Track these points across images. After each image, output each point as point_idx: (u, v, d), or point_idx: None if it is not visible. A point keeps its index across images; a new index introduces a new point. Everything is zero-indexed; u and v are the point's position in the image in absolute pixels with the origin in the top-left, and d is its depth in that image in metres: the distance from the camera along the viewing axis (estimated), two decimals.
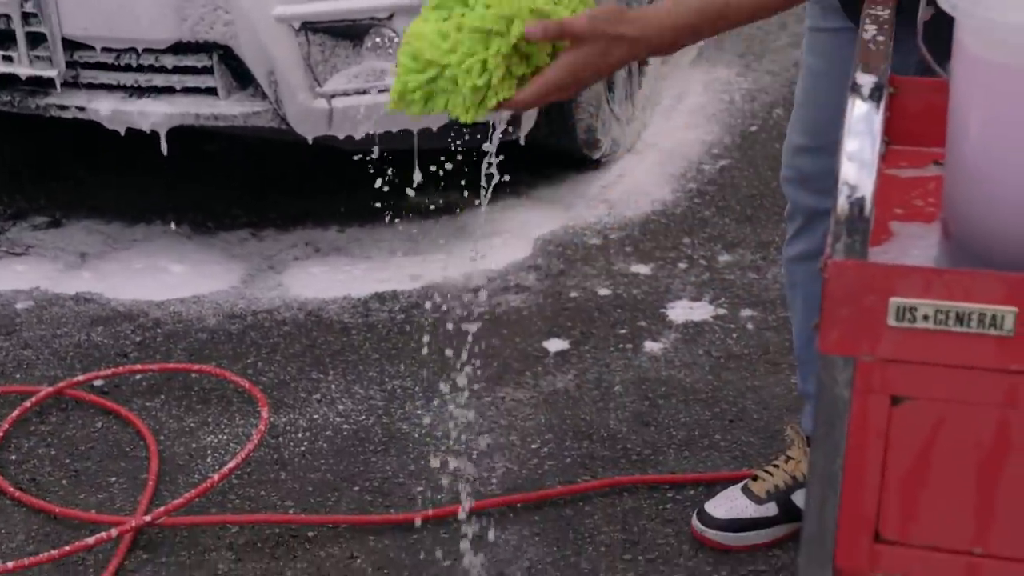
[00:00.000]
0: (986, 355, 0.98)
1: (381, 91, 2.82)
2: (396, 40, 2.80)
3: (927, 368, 1.00)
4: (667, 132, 3.63)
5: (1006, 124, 1.04)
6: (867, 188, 0.98)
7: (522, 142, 3.05)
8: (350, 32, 2.81)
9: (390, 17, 2.79)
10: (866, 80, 1.07)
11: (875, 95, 1.05)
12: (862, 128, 1.02)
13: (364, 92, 2.84)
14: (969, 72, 1.05)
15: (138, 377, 2.59)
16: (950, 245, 1.11)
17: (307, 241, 3.12)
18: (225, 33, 2.76)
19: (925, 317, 0.98)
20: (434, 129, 2.87)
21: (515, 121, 2.98)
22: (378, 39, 2.82)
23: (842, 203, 0.99)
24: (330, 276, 2.96)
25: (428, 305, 2.81)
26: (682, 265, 2.97)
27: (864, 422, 1.02)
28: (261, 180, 3.43)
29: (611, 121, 3.34)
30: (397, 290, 2.89)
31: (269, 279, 2.95)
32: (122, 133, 2.90)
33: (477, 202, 3.17)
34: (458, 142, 2.99)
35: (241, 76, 2.84)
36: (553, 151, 3.29)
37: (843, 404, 1.01)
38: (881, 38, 1.19)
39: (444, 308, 2.76)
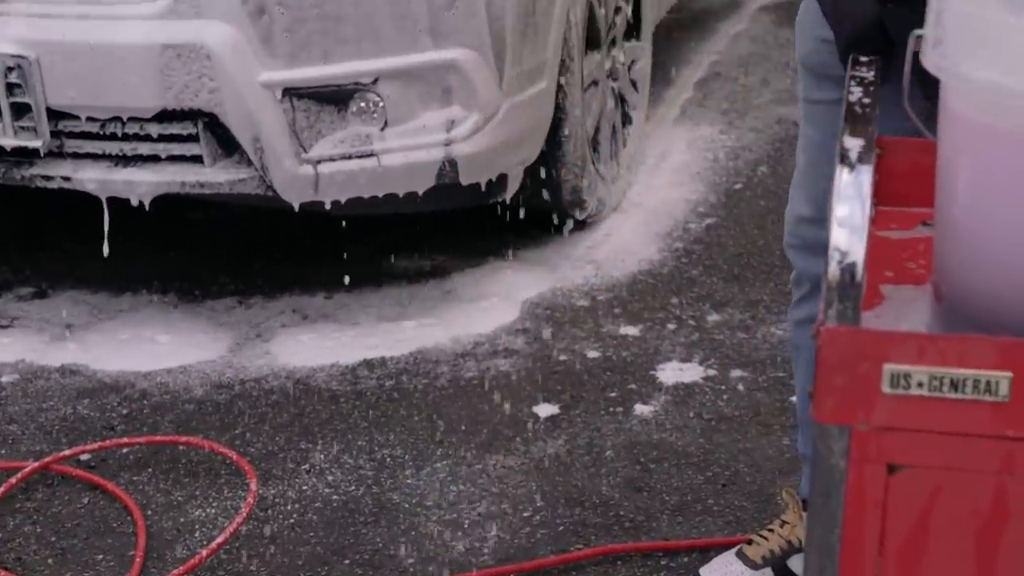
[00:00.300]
0: (982, 421, 0.97)
1: (367, 156, 2.84)
2: (381, 105, 2.82)
3: (923, 435, 0.99)
4: (652, 191, 3.65)
5: (994, 185, 1.04)
6: (858, 254, 0.98)
7: (508, 201, 3.08)
8: (335, 97, 2.82)
9: (375, 82, 2.80)
10: (853, 144, 1.08)
11: (863, 159, 1.06)
12: (851, 193, 1.03)
13: (350, 157, 2.84)
14: (956, 133, 1.06)
15: (125, 450, 2.56)
16: (942, 308, 1.11)
17: (295, 308, 3.11)
18: (210, 100, 2.75)
19: (920, 384, 0.98)
20: (420, 193, 2.89)
21: (501, 183, 3.01)
22: (363, 104, 2.83)
23: (833, 269, 0.99)
24: (318, 343, 2.95)
25: (417, 372, 2.80)
26: (671, 326, 2.97)
27: (861, 491, 1.01)
28: (248, 246, 3.42)
29: (596, 181, 3.36)
30: (386, 356, 2.88)
31: (257, 347, 2.94)
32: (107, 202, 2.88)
33: (465, 265, 3.25)
34: (443, 205, 3.02)
35: (226, 143, 2.83)
36: (539, 212, 3.29)
37: (839, 474, 1.01)
38: (867, 101, 1.20)
39: (433, 374, 2.76)
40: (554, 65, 3.07)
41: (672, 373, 2.79)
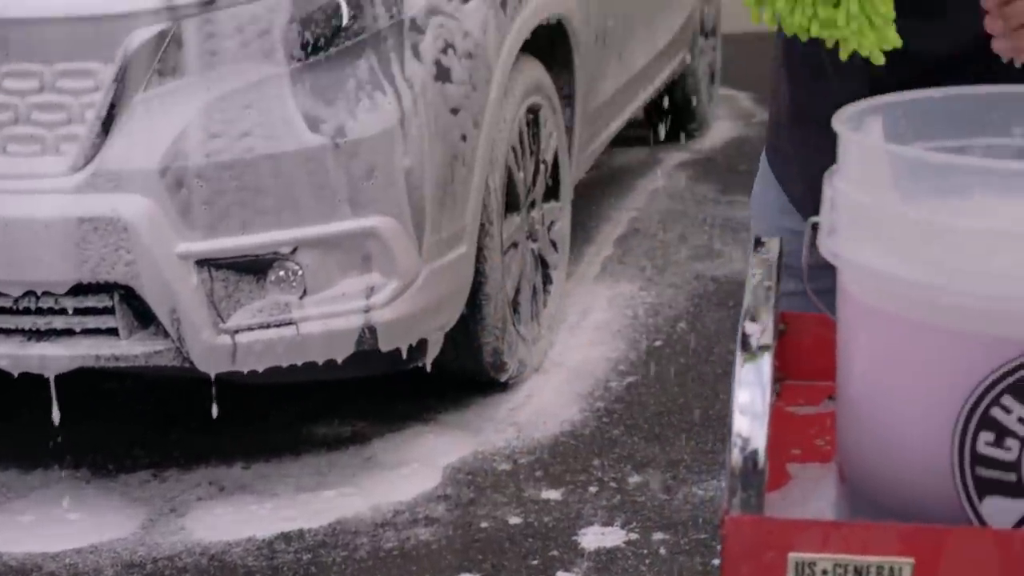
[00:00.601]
0: None
1: (286, 324, 2.83)
2: (300, 273, 2.83)
3: None
4: (573, 350, 3.67)
5: (886, 369, 1.06)
6: (760, 441, 0.99)
7: (428, 368, 3.07)
8: (254, 267, 2.83)
9: (294, 251, 2.81)
10: (753, 329, 1.09)
11: (763, 346, 1.07)
12: (752, 379, 1.04)
13: (268, 326, 2.83)
14: (852, 316, 1.09)
15: None
16: (846, 490, 1.12)
17: (211, 480, 3.05)
18: (127, 273, 2.75)
19: (824, 572, 0.98)
20: (340, 360, 2.89)
21: (421, 348, 3.01)
22: (282, 273, 2.83)
23: (735, 456, 0.99)
24: (234, 516, 2.90)
25: (336, 544, 2.76)
26: (592, 489, 2.97)
27: None
28: (164, 416, 3.37)
29: (517, 342, 3.38)
30: (304, 528, 2.84)
31: (171, 523, 2.88)
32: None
33: (385, 430, 3.23)
34: (363, 371, 3.02)
35: (142, 315, 2.82)
36: (460, 375, 3.30)
37: None
38: (768, 283, 1.22)
39: (352, 546, 2.73)
40: (473, 230, 3.11)
41: (594, 538, 2.78)
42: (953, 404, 0.96)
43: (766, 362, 1.06)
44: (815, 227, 1.14)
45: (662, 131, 5.65)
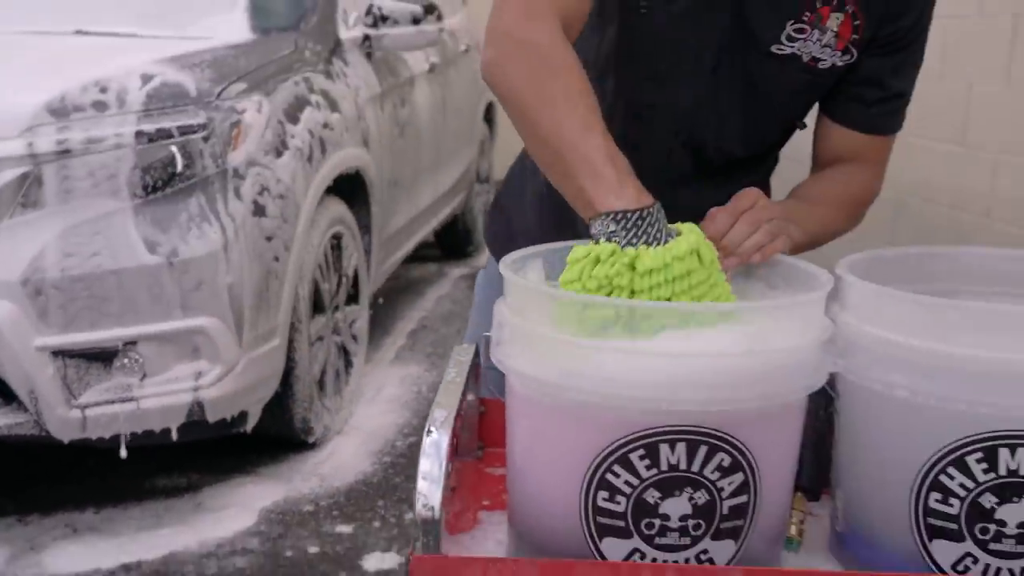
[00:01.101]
0: None
1: (128, 401, 2.67)
2: (140, 361, 2.68)
3: None
4: (369, 417, 3.56)
5: (535, 443, 1.06)
6: (436, 499, 0.97)
7: (249, 431, 2.94)
8: (101, 356, 2.66)
9: (135, 344, 2.67)
10: (439, 415, 1.08)
11: (444, 426, 1.06)
12: (432, 452, 1.02)
13: (113, 403, 2.66)
14: (513, 403, 1.09)
15: None
16: (513, 532, 1.11)
17: (67, 523, 2.82)
18: None
19: None
20: (174, 428, 2.74)
21: (243, 417, 2.89)
22: (125, 361, 2.68)
23: (419, 510, 0.97)
24: (84, 552, 2.66)
25: (167, 571, 2.58)
26: (376, 524, 2.86)
27: None
28: (28, 475, 3.11)
29: (323, 412, 3.27)
30: (141, 560, 2.63)
31: (30, 558, 2.63)
32: None
33: (214, 480, 3.07)
34: (194, 437, 2.85)
35: (5, 394, 2.62)
36: (275, 437, 3.16)
37: None
38: (459, 379, 1.20)
39: (180, 573, 2.55)
40: (285, 327, 3.00)
41: (375, 561, 2.67)
42: (579, 470, 0.98)
43: (444, 439, 1.04)
44: (487, 340, 1.14)
45: (447, 251, 5.67)
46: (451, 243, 5.63)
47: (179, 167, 2.70)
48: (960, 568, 0.98)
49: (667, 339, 0.98)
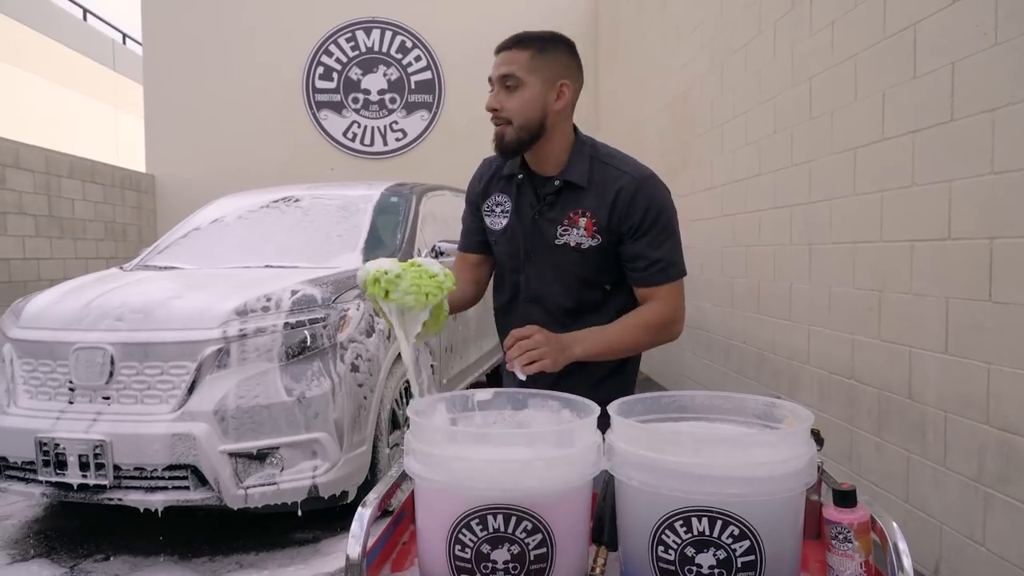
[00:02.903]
0: None
1: (272, 484, 2.73)
2: (281, 459, 2.75)
3: None
4: None
5: (422, 511, 1.01)
6: (356, 552, 0.94)
7: (349, 503, 2.94)
8: (258, 456, 2.78)
9: (278, 448, 2.76)
10: (371, 496, 1.04)
11: (371, 503, 1.02)
12: (358, 519, 0.99)
13: (264, 485, 2.75)
14: (415, 485, 1.04)
15: None
16: (419, 570, 1.03)
17: (237, 561, 2.77)
18: (194, 458, 2.71)
19: None
20: (300, 501, 2.77)
21: (344, 494, 2.89)
22: (272, 459, 2.77)
23: (347, 557, 0.95)
24: None
25: None
26: None
27: None
28: (213, 529, 3.09)
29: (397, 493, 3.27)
30: None
31: None
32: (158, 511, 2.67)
33: (329, 535, 3.05)
34: (313, 507, 2.83)
35: (202, 479, 2.76)
36: None
37: None
38: (395, 474, 1.13)
39: None
40: (371, 438, 3.08)
41: None
42: (446, 529, 0.95)
43: (367, 512, 1.01)
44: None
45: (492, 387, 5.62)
46: (497, 382, 5.65)
47: (308, 343, 2.82)
48: None
49: (492, 451, 0.96)
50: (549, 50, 1.44)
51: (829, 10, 3.15)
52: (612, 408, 1.06)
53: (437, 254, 3.91)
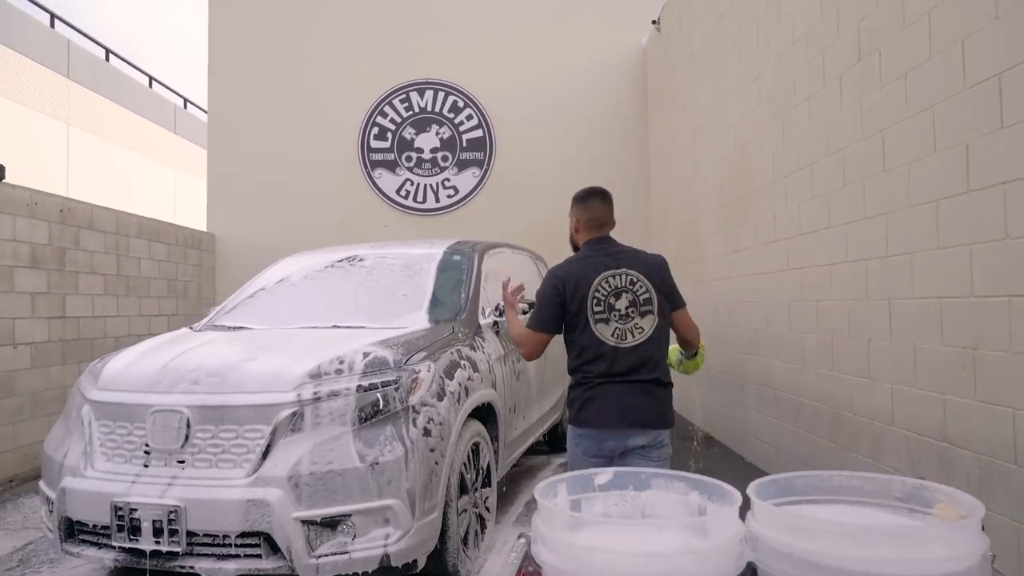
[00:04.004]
0: None
1: (344, 553, 2.70)
2: (353, 527, 2.72)
3: None
4: (497, 563, 3.42)
5: None
6: None
7: (419, 571, 2.91)
8: (330, 523, 2.75)
9: (350, 515, 2.72)
10: None
11: None
12: None
13: (336, 555, 2.72)
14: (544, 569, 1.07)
15: None
16: None
17: None
18: (268, 526, 2.68)
19: None
20: (371, 571, 2.74)
21: (414, 563, 2.86)
22: (344, 526, 2.74)
23: None
24: None
25: None
26: None
27: None
28: None
29: (466, 559, 3.24)
30: None
31: None
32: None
33: None
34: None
35: (274, 547, 2.73)
36: (436, 575, 3.14)
37: None
38: (516, 560, 1.22)
39: None
40: (442, 504, 3.04)
41: None
42: None
43: None
44: (527, 537, 1.17)
45: (551, 446, 5.59)
46: (553, 441, 5.60)
47: (381, 407, 2.82)
48: None
49: (635, 541, 0.97)
50: None
51: (900, 63, 3.14)
52: (752, 490, 1.06)
53: (501, 312, 3.91)
